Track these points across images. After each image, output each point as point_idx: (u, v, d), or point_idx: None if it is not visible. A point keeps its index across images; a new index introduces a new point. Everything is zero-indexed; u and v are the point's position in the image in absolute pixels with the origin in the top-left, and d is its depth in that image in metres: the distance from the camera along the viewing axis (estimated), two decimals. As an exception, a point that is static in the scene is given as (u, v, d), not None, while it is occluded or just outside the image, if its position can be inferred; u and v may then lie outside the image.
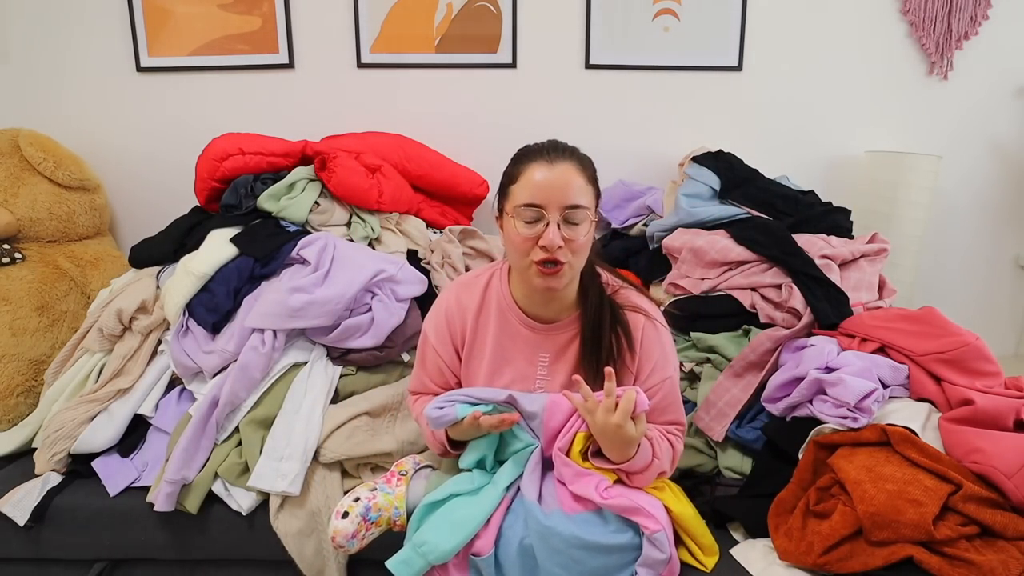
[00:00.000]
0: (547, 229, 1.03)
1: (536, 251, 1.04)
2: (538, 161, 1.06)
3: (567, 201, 1.04)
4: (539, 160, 1.06)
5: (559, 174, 1.05)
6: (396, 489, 1.19)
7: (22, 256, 1.78)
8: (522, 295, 1.17)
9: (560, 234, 1.03)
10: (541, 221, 1.04)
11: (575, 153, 1.10)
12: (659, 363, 1.14)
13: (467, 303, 1.20)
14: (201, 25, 2.00)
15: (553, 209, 1.03)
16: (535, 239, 1.04)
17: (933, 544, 1.00)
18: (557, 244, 1.02)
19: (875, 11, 1.99)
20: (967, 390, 1.18)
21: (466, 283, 1.24)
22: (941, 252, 2.12)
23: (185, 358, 1.48)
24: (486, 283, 1.21)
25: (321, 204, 1.72)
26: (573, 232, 1.04)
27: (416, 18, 1.99)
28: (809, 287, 1.44)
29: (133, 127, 2.08)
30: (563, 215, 1.04)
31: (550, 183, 1.04)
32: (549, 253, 1.03)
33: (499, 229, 1.15)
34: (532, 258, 1.05)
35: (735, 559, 1.17)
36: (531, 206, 1.04)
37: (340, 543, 1.13)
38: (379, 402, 1.47)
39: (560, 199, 1.03)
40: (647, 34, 1.99)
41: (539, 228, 1.04)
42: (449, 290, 1.24)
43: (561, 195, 1.04)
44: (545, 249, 1.03)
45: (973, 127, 2.06)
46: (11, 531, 1.35)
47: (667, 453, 1.12)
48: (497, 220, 1.15)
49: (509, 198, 1.09)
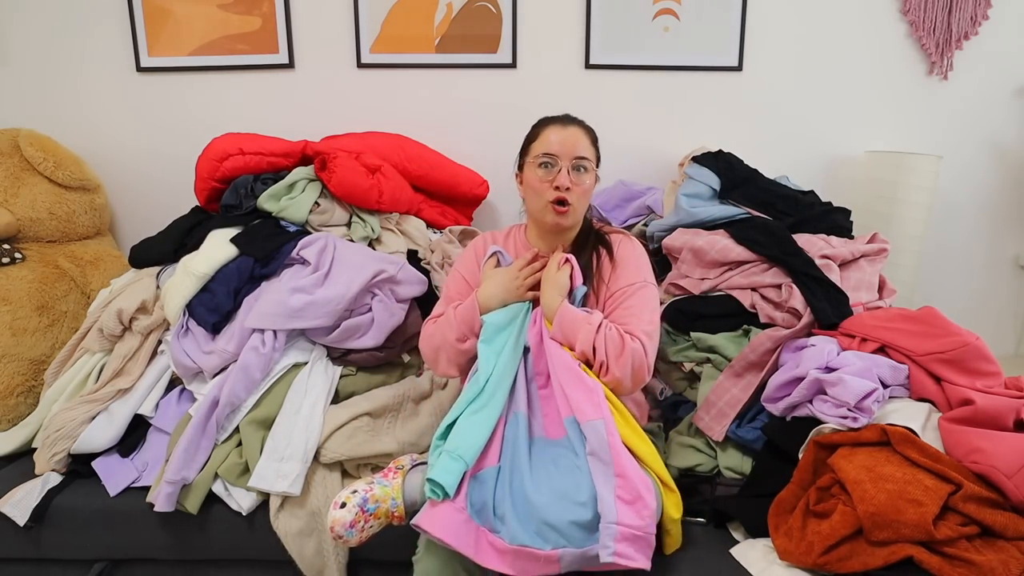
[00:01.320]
0: (559, 173, 1.30)
1: (550, 192, 1.30)
2: (554, 124, 1.35)
3: (576, 152, 1.31)
4: (555, 124, 1.35)
5: (570, 133, 1.33)
6: (393, 481, 1.20)
7: (22, 256, 1.78)
8: (539, 237, 1.41)
9: (569, 178, 1.29)
10: (555, 167, 1.31)
11: (583, 123, 1.39)
12: (631, 268, 1.34)
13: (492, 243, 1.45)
14: (201, 25, 2.00)
15: (565, 158, 1.31)
16: (550, 181, 1.30)
17: (933, 544, 1.00)
18: (566, 184, 1.29)
19: (875, 11, 1.99)
20: (967, 390, 1.17)
21: (492, 233, 1.52)
22: (941, 252, 2.12)
23: (185, 358, 1.48)
24: (507, 233, 1.49)
25: (321, 204, 1.72)
26: (579, 178, 1.32)
27: (416, 18, 1.99)
28: (809, 287, 1.44)
29: (133, 127, 2.09)
30: (572, 163, 1.31)
31: (563, 139, 1.32)
32: (560, 192, 1.29)
33: (519, 185, 1.40)
34: (547, 198, 1.30)
35: (735, 559, 1.17)
36: (548, 155, 1.31)
37: (339, 533, 1.13)
38: (380, 403, 1.47)
39: (571, 151, 1.31)
40: (647, 34, 1.99)
41: (553, 172, 1.31)
42: (480, 238, 1.50)
43: (572, 148, 1.31)
44: (558, 189, 1.29)
45: (973, 127, 2.06)
46: (11, 531, 1.35)
47: (614, 341, 1.20)
48: (517, 177, 1.41)
49: (529, 153, 1.36)
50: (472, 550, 1.06)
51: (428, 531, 1.07)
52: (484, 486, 1.10)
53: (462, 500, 1.08)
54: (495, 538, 1.06)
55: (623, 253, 1.36)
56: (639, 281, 1.32)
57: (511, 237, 1.47)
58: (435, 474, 1.08)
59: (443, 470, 1.09)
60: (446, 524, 1.06)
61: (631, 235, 1.44)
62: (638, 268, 1.34)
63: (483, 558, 1.06)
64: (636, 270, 1.34)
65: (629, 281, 1.31)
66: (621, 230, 1.46)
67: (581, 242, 1.39)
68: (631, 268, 1.34)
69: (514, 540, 1.04)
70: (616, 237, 1.40)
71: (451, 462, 1.10)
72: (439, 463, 1.11)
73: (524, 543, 1.03)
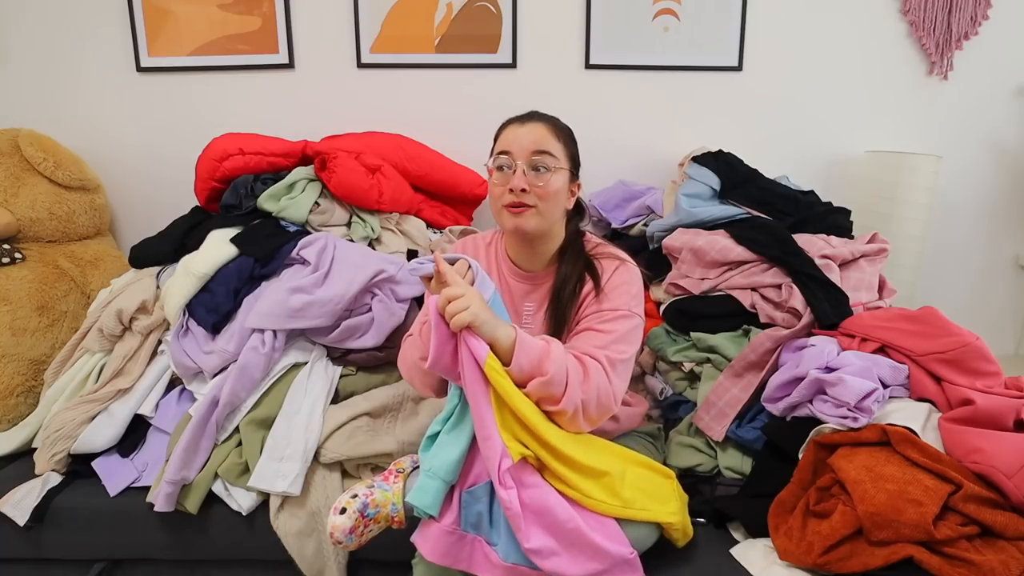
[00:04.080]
0: (514, 174, 1.16)
1: (506, 195, 1.16)
2: (512, 124, 1.22)
3: (533, 148, 1.16)
4: (513, 123, 1.22)
5: (528, 130, 1.19)
6: (394, 486, 1.19)
7: (22, 256, 1.78)
8: (512, 247, 1.29)
9: (525, 179, 1.15)
10: (511, 169, 1.17)
11: (548, 117, 1.23)
12: (613, 293, 1.19)
13: (472, 252, 1.33)
14: (201, 25, 2.00)
15: (520, 156, 1.16)
16: (505, 185, 1.17)
17: (933, 544, 1.00)
18: (520, 186, 1.14)
19: (875, 11, 1.99)
20: (967, 390, 1.17)
21: (473, 237, 1.39)
22: (941, 252, 2.12)
23: (185, 358, 1.48)
24: (489, 239, 1.36)
25: (321, 204, 1.72)
26: (539, 178, 1.16)
27: (416, 18, 1.99)
28: (809, 287, 1.44)
29: (133, 127, 2.09)
30: (529, 162, 1.16)
31: (519, 136, 1.18)
32: (515, 195, 1.15)
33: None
34: (502, 202, 1.17)
35: (735, 559, 1.17)
36: (501, 154, 1.18)
37: (338, 539, 1.13)
38: (379, 402, 1.47)
39: (527, 148, 1.17)
40: (647, 34, 1.99)
41: (508, 175, 1.17)
42: (463, 241, 1.39)
43: (528, 144, 1.17)
44: (512, 192, 1.15)
45: (973, 127, 2.06)
46: (11, 531, 1.35)
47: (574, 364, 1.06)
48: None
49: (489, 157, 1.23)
50: (467, 563, 1.06)
51: (420, 551, 1.08)
52: (479, 500, 1.07)
53: (453, 519, 1.07)
54: (490, 551, 1.05)
55: (615, 280, 1.20)
56: (623, 310, 1.17)
57: (492, 245, 1.34)
58: (414, 497, 1.07)
59: (421, 491, 1.07)
60: (436, 545, 1.06)
61: (630, 261, 1.24)
62: (627, 296, 1.19)
63: (478, 568, 1.06)
64: (623, 298, 1.18)
65: (611, 306, 1.17)
66: (619, 254, 1.25)
67: (568, 260, 1.23)
68: (617, 295, 1.18)
69: (508, 558, 1.04)
70: (610, 263, 1.23)
71: (429, 481, 1.08)
72: (419, 484, 1.09)
73: (518, 562, 1.03)
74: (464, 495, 1.08)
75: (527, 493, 1.02)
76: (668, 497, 1.16)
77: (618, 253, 1.25)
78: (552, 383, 1.03)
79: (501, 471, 1.00)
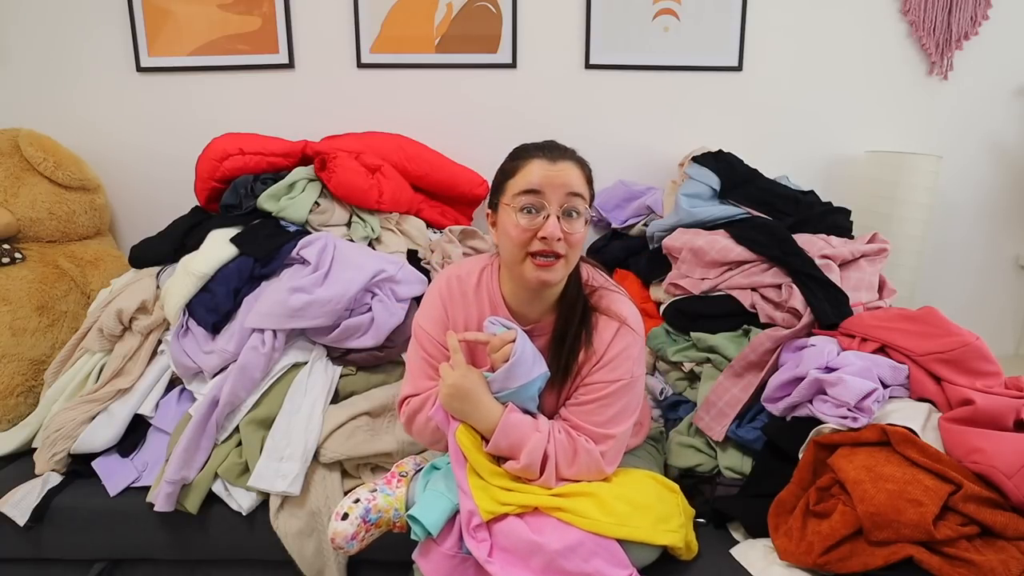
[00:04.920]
0: (547, 221, 1.04)
1: (535, 243, 1.04)
2: (539, 158, 1.07)
3: (567, 190, 1.05)
4: (540, 157, 1.07)
5: (560, 169, 1.05)
6: (396, 491, 1.19)
7: (22, 256, 1.78)
8: (510, 292, 1.16)
9: (559, 226, 1.03)
10: (541, 213, 1.04)
11: (574, 154, 1.11)
12: (614, 362, 1.11)
13: (459, 292, 1.19)
14: (201, 25, 2.00)
15: (554, 201, 1.04)
16: (534, 232, 1.04)
17: (933, 544, 1.00)
18: (558, 235, 1.03)
19: (875, 11, 1.99)
20: (967, 390, 1.17)
21: (458, 274, 1.21)
22: (941, 252, 2.12)
23: (185, 358, 1.48)
24: (476, 280, 1.20)
25: (321, 204, 1.72)
26: (571, 225, 1.05)
27: (416, 18, 1.99)
28: (809, 287, 1.44)
29: (133, 127, 2.08)
30: (563, 208, 1.05)
31: (551, 177, 1.04)
32: (548, 245, 1.03)
33: (490, 227, 1.16)
34: (529, 249, 1.05)
35: (735, 559, 1.17)
36: (532, 193, 1.04)
37: (340, 544, 1.13)
38: (379, 402, 1.47)
39: (561, 191, 1.04)
40: (647, 34, 1.99)
41: (538, 220, 1.04)
42: (441, 278, 1.23)
43: (562, 187, 1.04)
44: (545, 240, 1.03)
45: (973, 127, 2.06)
46: (11, 531, 1.35)
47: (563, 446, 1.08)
48: (489, 217, 1.16)
49: (506, 192, 1.08)
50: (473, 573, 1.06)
51: (423, 571, 1.07)
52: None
53: (455, 543, 1.06)
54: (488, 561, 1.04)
55: (616, 347, 1.11)
56: (625, 378, 1.11)
57: (483, 288, 1.18)
58: (420, 512, 1.06)
59: (428, 508, 1.06)
60: (438, 568, 1.06)
61: (632, 315, 1.14)
62: (629, 362, 1.12)
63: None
64: (625, 364, 1.11)
65: (613, 377, 1.10)
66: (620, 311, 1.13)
67: (565, 307, 1.14)
68: (618, 363, 1.11)
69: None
70: (608, 325, 1.12)
71: (435, 499, 1.08)
72: (424, 499, 1.09)
73: None
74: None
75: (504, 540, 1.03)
76: (671, 514, 1.14)
77: (618, 308, 1.14)
78: (526, 470, 1.07)
79: (470, 527, 1.03)
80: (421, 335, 1.20)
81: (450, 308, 1.18)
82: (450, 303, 1.19)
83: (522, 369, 1.07)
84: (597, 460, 1.09)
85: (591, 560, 1.00)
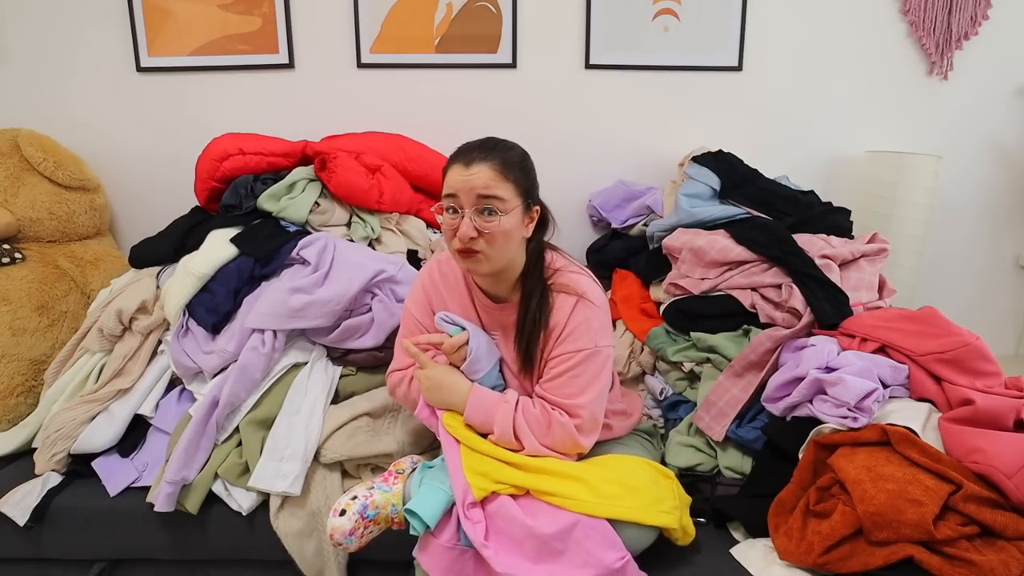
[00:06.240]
0: (461, 220, 1.13)
1: (455, 240, 1.15)
2: (458, 163, 1.15)
3: (478, 192, 1.12)
4: (458, 162, 1.15)
5: (472, 173, 1.13)
6: (393, 487, 1.20)
7: (22, 256, 1.78)
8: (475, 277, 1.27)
9: (472, 225, 1.12)
10: (459, 214, 1.14)
11: (498, 153, 1.16)
12: (575, 334, 1.17)
13: (440, 279, 1.31)
14: (201, 25, 2.00)
15: (467, 203, 1.13)
16: (453, 230, 1.14)
17: (933, 544, 1.00)
18: (469, 235, 1.12)
19: (875, 11, 1.99)
20: (967, 390, 1.18)
21: (443, 260, 1.33)
22: (941, 252, 2.12)
23: (185, 358, 1.48)
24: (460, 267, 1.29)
25: (321, 204, 1.72)
26: (487, 223, 1.13)
27: (416, 18, 1.99)
28: (809, 287, 1.44)
29: (133, 127, 2.08)
30: (475, 208, 1.13)
31: (463, 182, 1.13)
32: (463, 242, 1.13)
33: None
34: (454, 246, 1.16)
35: (735, 559, 1.17)
36: (450, 196, 1.14)
37: (338, 540, 1.13)
38: (380, 403, 1.47)
39: (472, 194, 1.12)
40: (647, 34, 1.99)
41: (456, 220, 1.14)
42: (428, 265, 1.35)
43: (472, 191, 1.12)
44: (460, 239, 1.13)
45: (973, 127, 2.06)
46: (11, 531, 1.35)
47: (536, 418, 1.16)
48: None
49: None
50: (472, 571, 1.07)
51: (424, 568, 1.08)
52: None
53: (453, 535, 1.08)
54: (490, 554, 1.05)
55: (575, 320, 1.17)
56: (588, 348, 1.16)
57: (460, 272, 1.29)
58: (417, 504, 1.08)
59: (425, 501, 1.08)
60: (439, 562, 1.07)
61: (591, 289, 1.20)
62: (590, 333, 1.17)
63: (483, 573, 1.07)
64: (586, 335, 1.17)
65: (575, 348, 1.16)
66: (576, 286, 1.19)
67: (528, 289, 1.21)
68: (579, 334, 1.17)
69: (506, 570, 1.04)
70: (565, 300, 1.18)
71: (432, 493, 1.10)
72: (420, 493, 1.10)
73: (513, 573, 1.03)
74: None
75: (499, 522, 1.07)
76: (663, 496, 1.16)
77: (576, 284, 1.20)
78: (502, 439, 1.15)
79: (465, 507, 1.06)
80: (406, 317, 1.33)
81: (432, 293, 1.31)
82: (432, 289, 1.31)
83: (480, 364, 1.21)
84: (572, 433, 1.15)
85: (583, 543, 1.03)
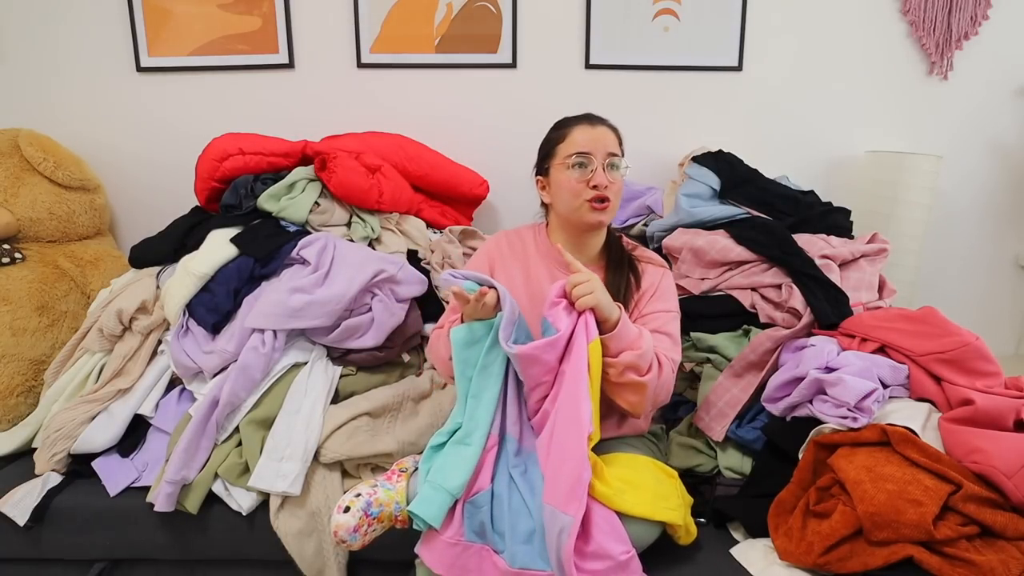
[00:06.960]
0: (595, 172, 1.26)
1: (587, 191, 1.25)
2: (582, 124, 1.30)
3: (608, 149, 1.28)
4: (582, 123, 1.30)
5: (601, 132, 1.30)
6: (397, 485, 1.20)
7: (22, 256, 1.78)
8: (562, 240, 1.34)
9: (605, 176, 1.26)
10: (589, 166, 1.26)
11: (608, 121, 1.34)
12: (664, 296, 1.34)
13: (508, 247, 1.40)
14: (201, 25, 2.00)
15: (599, 156, 1.27)
16: (586, 181, 1.26)
17: (933, 544, 1.00)
18: (605, 183, 1.25)
19: (875, 11, 1.99)
20: (967, 390, 1.18)
21: (510, 233, 1.44)
22: (941, 252, 2.12)
23: (185, 358, 1.48)
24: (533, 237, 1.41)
25: (321, 204, 1.72)
26: (614, 176, 1.28)
27: (416, 18, 1.99)
28: (809, 287, 1.44)
29: (133, 127, 2.08)
30: (605, 161, 1.27)
31: (595, 138, 1.28)
32: (599, 191, 1.25)
33: (540, 191, 1.37)
34: (584, 198, 1.26)
35: (735, 559, 1.17)
36: (581, 154, 1.27)
37: (342, 537, 1.13)
38: (380, 402, 1.47)
39: (603, 149, 1.27)
40: (647, 34, 1.99)
41: (587, 173, 1.26)
42: (492, 239, 1.45)
43: (603, 146, 1.28)
44: (596, 188, 1.25)
45: (973, 127, 2.06)
46: (11, 531, 1.35)
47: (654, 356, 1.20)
48: (539, 183, 1.37)
49: (556, 156, 1.31)
50: (476, 572, 1.08)
51: (427, 563, 1.09)
52: (480, 509, 1.10)
53: (457, 530, 1.09)
54: (498, 559, 1.07)
55: (665, 285, 1.35)
56: (675, 310, 1.33)
57: (539, 242, 1.39)
58: (416, 506, 1.09)
59: (426, 502, 1.09)
60: (442, 558, 1.08)
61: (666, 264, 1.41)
62: (673, 297, 1.36)
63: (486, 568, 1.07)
64: (673, 300, 1.36)
65: (665, 307, 1.32)
66: (658, 259, 1.41)
67: (615, 255, 1.37)
68: (669, 296, 1.35)
69: (514, 562, 1.05)
70: (655, 270, 1.37)
71: (433, 493, 1.10)
72: (421, 494, 1.11)
73: (525, 565, 1.05)
74: (467, 506, 1.10)
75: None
76: (669, 494, 1.17)
77: (656, 257, 1.41)
78: (643, 357, 1.16)
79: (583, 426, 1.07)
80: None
81: (497, 260, 1.38)
82: (497, 256, 1.39)
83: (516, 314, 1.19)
84: (670, 380, 1.23)
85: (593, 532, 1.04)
